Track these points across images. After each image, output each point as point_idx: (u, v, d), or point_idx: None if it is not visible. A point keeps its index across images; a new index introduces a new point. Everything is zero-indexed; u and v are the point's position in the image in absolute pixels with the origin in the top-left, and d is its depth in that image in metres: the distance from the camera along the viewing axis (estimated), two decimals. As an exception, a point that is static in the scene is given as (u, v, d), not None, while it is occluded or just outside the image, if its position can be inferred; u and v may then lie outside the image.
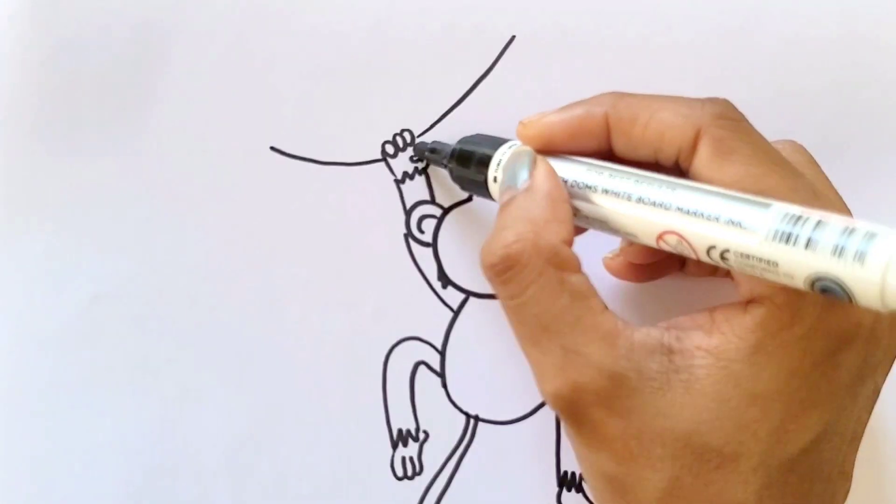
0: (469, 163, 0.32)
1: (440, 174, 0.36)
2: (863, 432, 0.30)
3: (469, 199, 0.36)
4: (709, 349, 0.26)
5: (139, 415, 0.36)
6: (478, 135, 0.33)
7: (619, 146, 0.29)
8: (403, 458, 0.36)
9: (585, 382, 0.27)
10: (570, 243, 0.28)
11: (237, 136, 0.36)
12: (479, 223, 0.36)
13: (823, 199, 0.28)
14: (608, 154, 0.30)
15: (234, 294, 0.36)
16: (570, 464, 0.36)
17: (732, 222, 0.26)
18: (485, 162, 0.32)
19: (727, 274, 0.33)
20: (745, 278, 0.27)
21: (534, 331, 0.27)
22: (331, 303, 0.36)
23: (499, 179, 0.31)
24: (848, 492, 0.30)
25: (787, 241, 0.24)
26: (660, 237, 0.27)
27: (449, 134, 0.36)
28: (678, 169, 0.29)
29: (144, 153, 0.35)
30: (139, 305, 0.36)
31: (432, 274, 0.37)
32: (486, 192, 0.32)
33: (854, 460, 0.30)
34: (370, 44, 0.36)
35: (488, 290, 0.36)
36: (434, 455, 0.36)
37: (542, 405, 0.36)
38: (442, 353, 0.37)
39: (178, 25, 0.35)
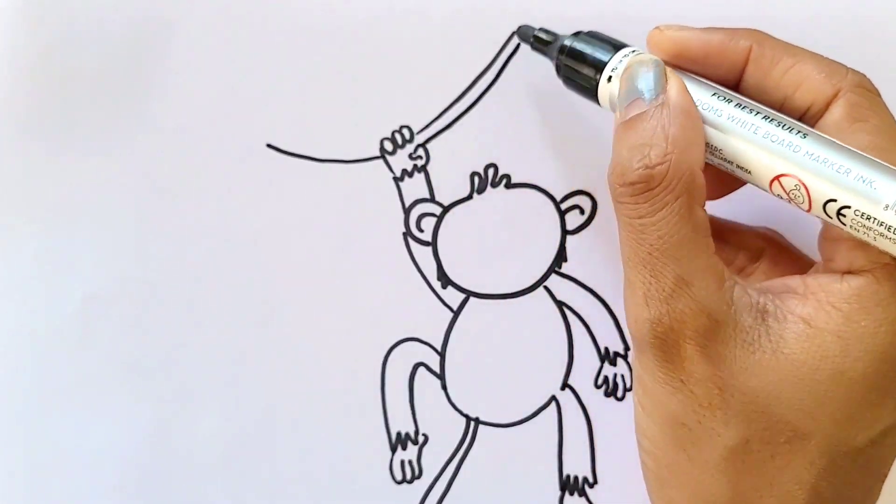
0: (582, 61, 0.31)
1: (440, 171, 0.36)
2: None
3: (469, 197, 0.36)
4: (801, 315, 0.26)
5: (134, 416, 0.36)
6: (591, 32, 0.32)
7: (752, 83, 0.29)
8: (402, 462, 0.36)
9: (689, 315, 0.27)
10: (704, 169, 0.28)
11: (233, 133, 0.36)
12: (480, 222, 0.36)
13: None
14: (733, 88, 0.29)
15: (230, 294, 0.36)
16: (573, 467, 0.36)
17: (863, 180, 0.25)
18: (598, 66, 0.30)
19: (741, 270, 0.33)
20: (842, 251, 0.27)
21: (652, 252, 0.27)
22: (328, 303, 0.36)
23: (613, 84, 0.30)
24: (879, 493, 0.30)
25: None
26: (776, 179, 0.27)
27: (450, 133, 0.36)
28: (802, 122, 0.28)
29: (139, 152, 0.35)
30: (133, 306, 0.36)
31: (432, 273, 0.36)
32: (592, 96, 0.31)
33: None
34: (368, 40, 0.35)
35: (488, 289, 0.36)
36: (433, 458, 0.36)
37: (543, 407, 0.36)
38: (441, 355, 0.36)
39: (173, 22, 0.35)
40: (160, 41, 0.35)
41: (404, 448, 0.36)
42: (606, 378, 0.36)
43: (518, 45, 0.36)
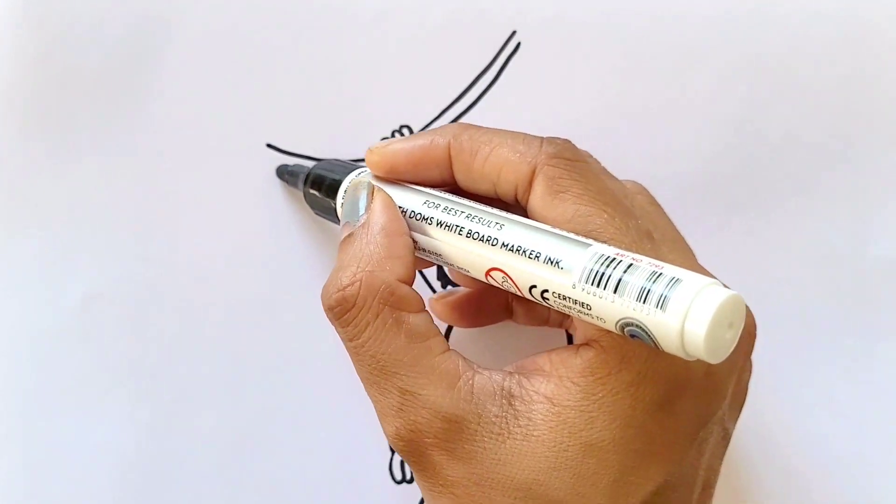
0: (320, 188, 0.32)
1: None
2: (716, 479, 0.30)
3: (469, 197, 0.36)
4: (545, 394, 0.26)
5: (133, 416, 0.36)
6: (334, 160, 0.34)
7: (461, 178, 0.29)
8: (402, 462, 0.36)
9: (423, 424, 0.27)
10: (409, 280, 0.28)
11: (233, 133, 0.35)
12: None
13: (657, 243, 0.28)
14: (453, 186, 0.30)
15: (230, 295, 0.36)
16: (573, 467, 0.36)
17: (551, 261, 0.25)
18: (334, 188, 0.31)
19: (560, 324, 0.34)
20: (577, 320, 0.27)
21: (372, 372, 0.27)
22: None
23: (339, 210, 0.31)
24: None
25: (599, 283, 0.24)
26: (487, 273, 0.27)
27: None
28: (516, 206, 0.29)
29: (139, 152, 0.35)
30: (133, 306, 0.36)
31: (432, 273, 0.36)
32: (336, 218, 0.32)
33: None
34: (369, 39, 0.35)
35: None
36: (434, 458, 0.36)
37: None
38: (442, 355, 0.36)
39: (173, 22, 0.35)
40: (160, 41, 0.35)
41: (404, 448, 0.36)
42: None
43: (518, 45, 0.36)
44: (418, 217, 0.29)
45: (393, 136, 0.36)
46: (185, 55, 0.35)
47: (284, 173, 0.35)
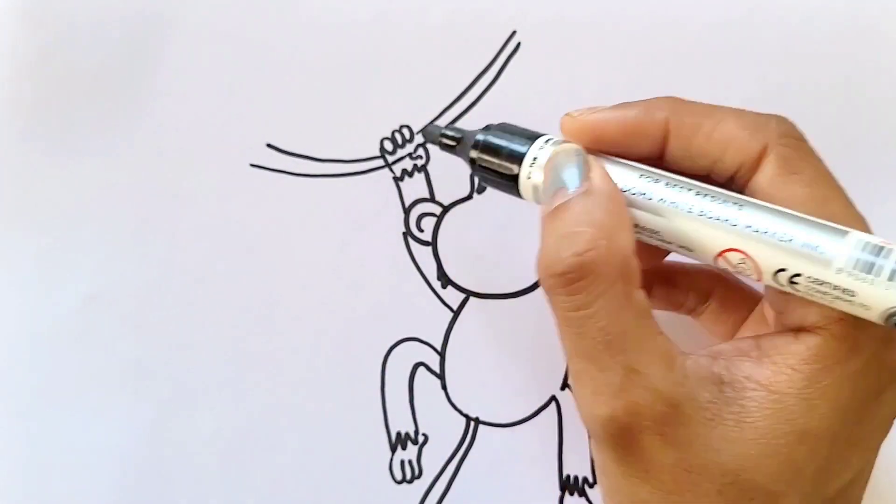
0: (498, 156, 0.29)
1: (440, 170, 0.36)
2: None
3: (469, 197, 0.36)
4: (759, 380, 0.26)
5: (133, 416, 0.36)
6: (504, 124, 0.30)
7: (676, 154, 0.28)
8: (402, 462, 0.36)
9: (645, 405, 0.25)
10: (636, 254, 0.27)
11: (233, 133, 0.35)
12: (480, 221, 0.36)
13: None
14: (656, 161, 0.28)
15: (230, 294, 0.36)
16: (573, 467, 0.36)
17: (809, 247, 0.25)
18: (517, 158, 0.29)
19: (691, 311, 0.33)
20: (793, 305, 0.26)
21: (595, 346, 0.26)
22: (328, 303, 0.36)
23: (535, 176, 0.28)
24: None
25: (870, 271, 0.24)
26: (721, 254, 0.26)
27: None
28: (732, 184, 0.28)
29: (139, 152, 0.35)
30: (133, 306, 0.36)
31: (432, 273, 0.36)
32: (513, 190, 0.29)
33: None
34: (368, 39, 0.35)
35: (489, 289, 0.36)
36: (433, 458, 0.36)
37: (543, 407, 0.36)
38: (441, 355, 0.36)
39: (172, 22, 0.35)
40: (160, 41, 0.35)
41: (404, 448, 0.36)
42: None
43: (518, 45, 0.35)
44: (635, 191, 0.27)
45: (393, 136, 0.36)
46: (184, 55, 0.35)
47: (439, 135, 0.31)
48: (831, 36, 0.36)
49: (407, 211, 0.36)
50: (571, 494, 0.36)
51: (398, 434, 0.36)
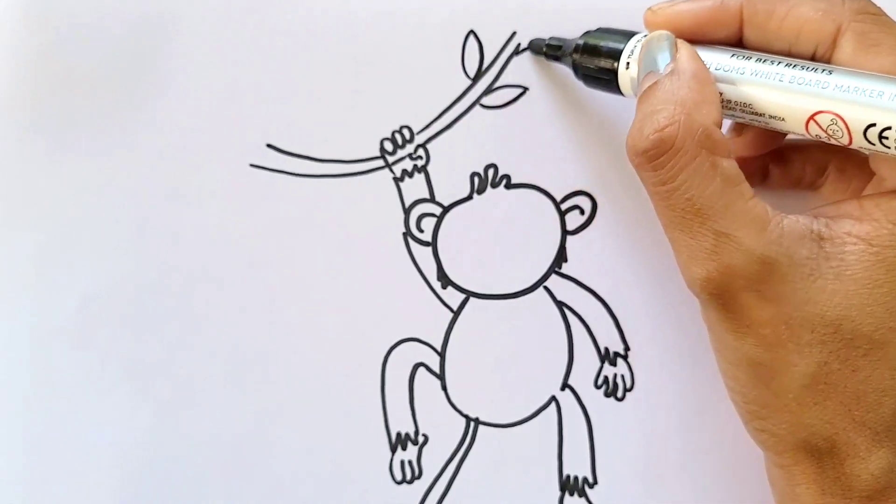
0: (598, 54, 0.32)
1: (440, 171, 0.36)
2: None
3: (469, 197, 0.36)
4: (860, 235, 0.27)
5: (132, 417, 0.36)
6: (600, 28, 0.33)
7: (752, 39, 0.30)
8: (402, 462, 0.36)
9: (737, 266, 0.27)
10: (720, 125, 0.28)
11: (233, 133, 0.35)
12: (480, 221, 0.36)
13: None
14: (738, 46, 0.30)
15: (229, 294, 0.36)
16: (573, 467, 0.36)
17: None
18: (614, 55, 0.31)
19: (811, 185, 0.34)
20: (892, 164, 0.28)
21: (685, 215, 0.28)
22: (328, 303, 0.36)
23: (632, 68, 0.30)
24: None
25: None
26: (811, 118, 0.27)
27: (450, 133, 0.36)
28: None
29: (138, 152, 0.35)
30: (132, 306, 0.36)
31: (432, 274, 0.36)
32: (614, 87, 0.31)
33: None
34: (368, 40, 0.35)
35: (489, 290, 0.36)
36: (433, 459, 0.36)
37: (543, 407, 0.36)
38: (441, 355, 0.36)
39: (173, 22, 0.35)
40: (160, 41, 0.35)
41: (404, 448, 0.36)
42: (606, 378, 0.36)
43: (518, 45, 0.35)
44: (727, 69, 0.29)
45: (392, 137, 0.36)
46: (185, 55, 0.35)
47: (542, 46, 0.34)
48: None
49: (407, 211, 0.36)
50: (571, 494, 0.36)
51: (398, 434, 0.36)
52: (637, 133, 0.28)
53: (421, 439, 0.36)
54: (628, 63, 0.31)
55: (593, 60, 0.32)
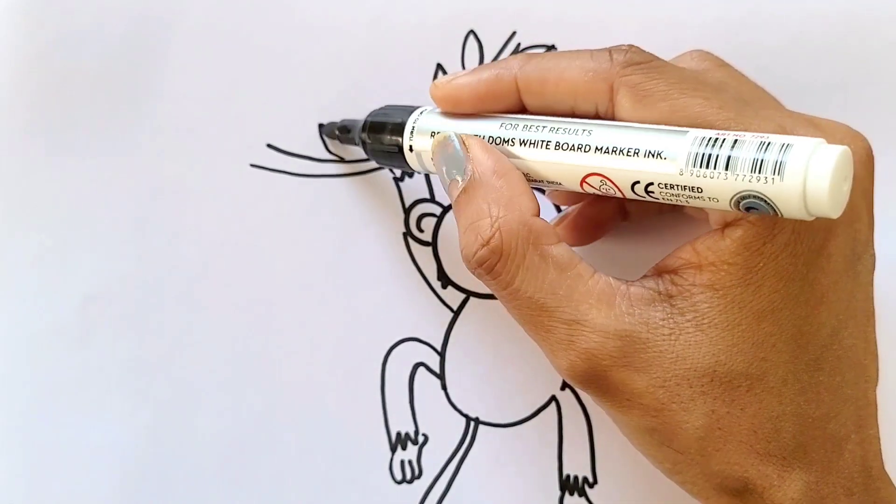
0: (383, 131, 0.32)
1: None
2: (873, 307, 0.30)
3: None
4: (704, 284, 0.27)
5: (133, 416, 0.36)
6: (387, 106, 0.33)
7: (534, 106, 0.30)
8: (402, 462, 0.36)
9: (596, 348, 0.27)
10: (537, 212, 0.28)
11: (233, 133, 0.35)
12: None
13: (753, 104, 0.28)
14: (523, 113, 0.30)
15: (229, 294, 0.36)
16: (573, 467, 0.36)
17: (652, 153, 0.26)
18: (398, 130, 0.31)
19: (673, 208, 0.34)
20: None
21: (532, 313, 0.28)
22: (328, 303, 0.36)
23: (416, 147, 0.31)
24: (878, 368, 0.30)
25: (707, 164, 0.25)
26: (583, 181, 0.27)
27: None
28: (603, 119, 0.29)
29: (139, 152, 0.35)
30: (133, 306, 0.36)
31: (432, 274, 0.36)
32: (403, 163, 0.31)
33: (875, 336, 0.30)
34: (368, 39, 0.35)
35: (489, 289, 0.36)
36: (433, 458, 0.36)
37: (543, 407, 0.36)
38: (441, 355, 0.36)
39: (173, 22, 0.35)
40: (160, 41, 0.35)
41: (404, 448, 0.36)
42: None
43: (518, 45, 0.35)
44: (497, 141, 0.29)
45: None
46: (185, 55, 0.35)
47: (334, 130, 0.34)
48: (831, 36, 0.36)
49: (407, 211, 0.36)
50: (571, 494, 0.36)
51: (398, 434, 0.36)
52: (466, 249, 0.28)
53: (421, 439, 0.36)
54: (411, 146, 0.31)
55: (379, 138, 0.32)
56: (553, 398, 0.36)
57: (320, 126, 0.35)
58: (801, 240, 0.27)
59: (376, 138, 0.32)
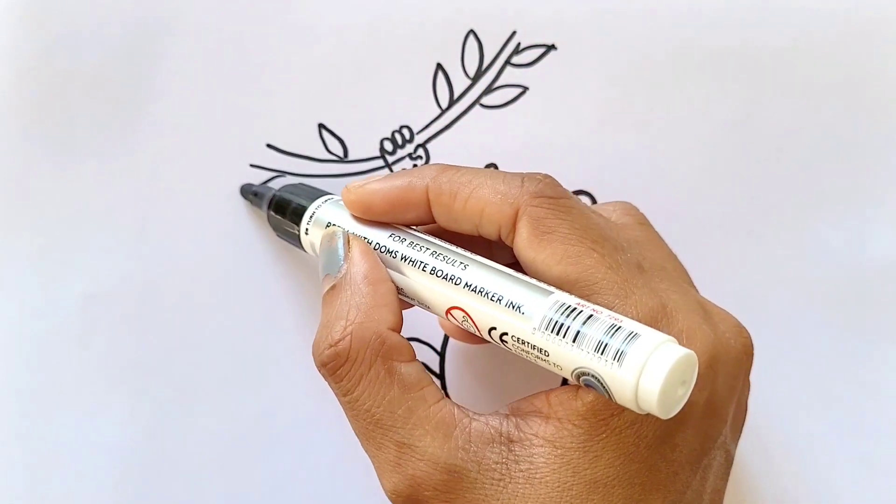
0: (284, 212, 0.32)
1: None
2: (721, 500, 0.30)
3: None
4: (546, 437, 0.26)
5: (133, 416, 0.35)
6: (300, 184, 0.34)
7: (441, 220, 0.29)
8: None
9: (422, 477, 0.26)
10: (398, 327, 0.28)
11: (233, 133, 0.35)
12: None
13: (648, 273, 0.28)
14: (435, 225, 0.30)
15: (229, 294, 0.36)
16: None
17: (513, 305, 0.26)
18: (299, 213, 0.31)
19: None
20: None
21: (368, 426, 0.27)
22: (328, 303, 0.36)
23: (311, 235, 0.31)
24: None
25: (558, 331, 0.25)
26: (448, 311, 0.27)
27: (450, 133, 0.36)
28: (502, 243, 0.29)
29: (139, 152, 0.35)
30: (133, 306, 0.35)
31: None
32: (298, 244, 0.32)
33: None
34: (368, 39, 0.35)
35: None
36: (433, 458, 0.36)
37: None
38: (441, 355, 0.36)
39: (173, 23, 0.35)
40: (160, 41, 0.35)
41: (404, 448, 0.36)
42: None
43: (518, 45, 0.35)
44: (383, 250, 0.29)
45: (393, 137, 0.36)
46: (184, 55, 0.35)
47: (249, 193, 0.35)
48: (831, 36, 0.36)
49: (407, 211, 0.36)
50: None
51: (398, 434, 0.36)
52: (316, 346, 0.28)
53: (421, 439, 0.36)
54: (307, 229, 0.31)
55: (280, 218, 0.32)
56: (553, 398, 0.36)
57: (242, 186, 0.35)
58: (648, 422, 0.26)
59: (278, 216, 0.32)
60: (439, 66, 0.35)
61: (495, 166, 0.36)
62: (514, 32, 0.35)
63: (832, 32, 0.36)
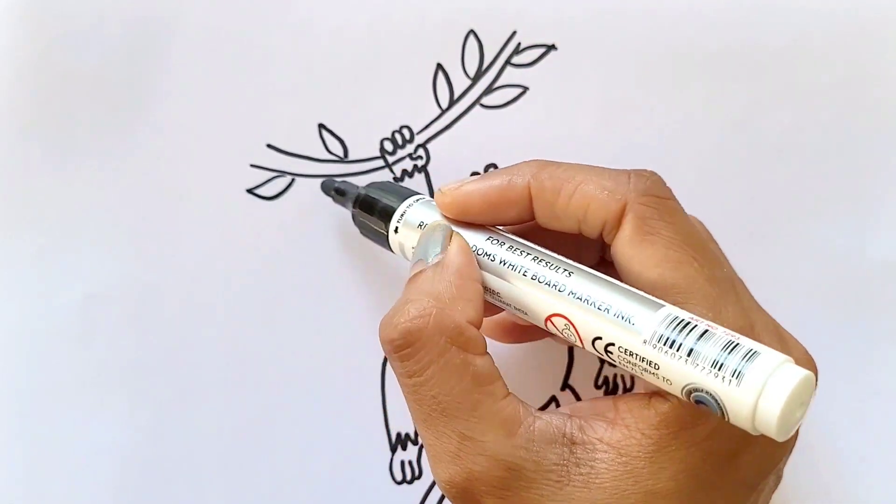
0: (372, 211, 0.32)
1: (440, 171, 0.36)
2: None
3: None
4: (611, 443, 0.26)
5: (133, 416, 0.36)
6: (387, 182, 0.33)
7: (543, 217, 0.29)
8: (402, 462, 0.36)
9: (480, 472, 0.26)
10: (477, 324, 0.27)
11: (233, 133, 0.35)
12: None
13: (738, 289, 0.28)
14: (533, 224, 0.29)
15: (230, 294, 0.36)
16: (573, 467, 0.36)
17: (622, 317, 0.26)
18: (388, 213, 0.31)
19: None
20: None
21: (431, 413, 0.27)
22: (328, 302, 0.36)
23: (400, 234, 0.30)
24: None
25: (671, 346, 0.24)
26: (548, 319, 0.27)
27: (450, 133, 0.36)
28: (602, 241, 0.28)
29: (139, 152, 0.35)
30: (133, 305, 0.35)
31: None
32: (386, 244, 0.32)
33: None
34: (368, 39, 0.35)
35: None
36: (433, 458, 0.36)
37: (543, 407, 0.36)
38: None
39: (173, 23, 0.35)
40: (160, 41, 0.35)
41: (404, 448, 0.36)
42: (606, 378, 0.36)
43: (518, 45, 0.35)
44: (480, 253, 0.28)
45: (393, 137, 0.36)
46: (185, 55, 0.35)
47: (331, 189, 0.34)
48: (831, 36, 0.36)
49: (407, 211, 0.36)
50: (571, 494, 0.36)
51: (398, 434, 0.36)
52: (388, 321, 0.27)
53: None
54: (397, 227, 0.31)
55: (367, 216, 0.32)
56: (553, 398, 0.36)
57: (323, 181, 0.35)
58: (718, 441, 0.26)
59: (364, 215, 0.32)
60: (439, 66, 0.35)
61: (495, 166, 0.36)
62: (514, 32, 0.35)
63: (832, 32, 0.36)
